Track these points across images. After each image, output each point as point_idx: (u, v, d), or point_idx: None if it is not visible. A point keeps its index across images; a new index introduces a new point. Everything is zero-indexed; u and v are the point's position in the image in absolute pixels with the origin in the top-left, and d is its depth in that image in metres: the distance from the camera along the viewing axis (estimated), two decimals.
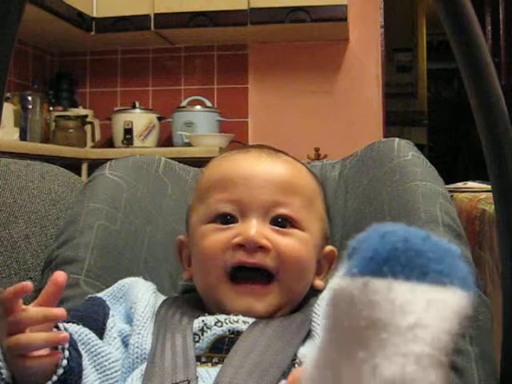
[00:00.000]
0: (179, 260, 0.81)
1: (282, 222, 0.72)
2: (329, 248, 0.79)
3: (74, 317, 0.67)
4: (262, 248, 0.69)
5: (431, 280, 0.31)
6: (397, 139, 0.92)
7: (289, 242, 0.71)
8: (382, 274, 0.30)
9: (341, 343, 0.31)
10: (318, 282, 0.76)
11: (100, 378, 0.64)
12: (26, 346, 0.54)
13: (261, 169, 0.74)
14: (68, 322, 0.65)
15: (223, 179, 0.74)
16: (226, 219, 0.72)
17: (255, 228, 0.70)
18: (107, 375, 0.65)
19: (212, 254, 0.71)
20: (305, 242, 0.73)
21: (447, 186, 0.90)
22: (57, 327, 0.59)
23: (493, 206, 0.54)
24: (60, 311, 0.55)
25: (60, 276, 0.57)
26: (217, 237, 0.71)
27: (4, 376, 0.56)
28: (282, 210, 0.72)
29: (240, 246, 0.69)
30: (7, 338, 0.55)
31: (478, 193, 1.46)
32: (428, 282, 0.31)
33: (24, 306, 0.55)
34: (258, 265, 0.69)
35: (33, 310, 0.55)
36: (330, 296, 0.32)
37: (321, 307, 0.68)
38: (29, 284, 0.54)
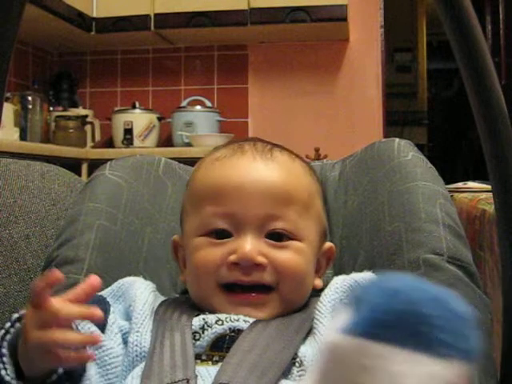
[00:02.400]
0: (175, 260, 0.81)
1: (278, 235, 0.71)
2: (328, 245, 0.79)
3: None
4: (257, 265, 0.68)
5: (432, 350, 0.29)
6: (397, 139, 0.92)
7: (285, 256, 0.70)
8: (382, 338, 0.29)
9: None
10: (318, 282, 0.76)
11: (100, 372, 0.64)
12: (62, 343, 0.53)
13: (254, 179, 0.71)
14: None
15: (216, 189, 0.72)
16: (220, 234, 0.70)
17: (250, 245, 0.68)
18: (108, 370, 0.65)
19: (206, 271, 0.70)
20: (302, 252, 0.72)
21: (447, 186, 0.90)
22: None
23: (493, 206, 0.54)
24: (98, 313, 0.54)
25: (96, 280, 0.56)
26: (211, 252, 0.70)
27: (8, 372, 0.56)
28: (278, 224, 0.70)
29: (235, 264, 0.68)
30: (39, 330, 0.54)
31: (477, 193, 1.46)
32: (428, 352, 0.29)
33: (61, 301, 0.54)
34: (254, 282, 0.68)
35: (70, 305, 0.54)
36: (324, 349, 0.30)
37: (324, 304, 0.68)
38: (60, 274, 0.54)
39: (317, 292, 0.74)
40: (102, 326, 0.67)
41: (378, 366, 0.28)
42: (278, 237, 0.71)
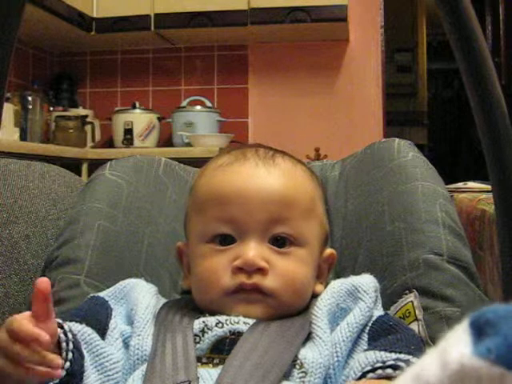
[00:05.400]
0: (180, 266, 0.81)
1: (281, 240, 0.71)
2: (329, 251, 0.78)
3: (77, 316, 0.67)
4: (260, 269, 0.69)
5: None
6: (397, 139, 0.92)
7: (287, 265, 0.70)
8: None
9: None
10: (319, 288, 0.75)
11: (101, 378, 0.64)
12: (24, 357, 0.53)
13: (256, 184, 0.72)
14: (71, 321, 0.65)
15: (219, 195, 0.72)
16: (224, 239, 0.71)
17: (253, 250, 0.69)
18: (108, 376, 0.65)
19: (211, 279, 0.70)
20: (304, 259, 0.72)
21: (447, 186, 0.90)
22: (61, 327, 0.59)
23: (493, 206, 0.54)
24: (46, 339, 0.54)
25: (43, 283, 0.56)
26: (216, 260, 0.70)
27: None
28: (280, 229, 0.71)
29: (239, 269, 0.69)
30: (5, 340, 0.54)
31: (478, 193, 1.46)
32: None
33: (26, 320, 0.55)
34: (255, 285, 0.69)
35: (27, 325, 0.55)
36: (455, 368, 0.31)
37: (320, 308, 0.68)
38: (43, 335, 0.54)
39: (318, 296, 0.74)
40: (102, 330, 0.67)
41: None
42: (280, 241, 0.71)
